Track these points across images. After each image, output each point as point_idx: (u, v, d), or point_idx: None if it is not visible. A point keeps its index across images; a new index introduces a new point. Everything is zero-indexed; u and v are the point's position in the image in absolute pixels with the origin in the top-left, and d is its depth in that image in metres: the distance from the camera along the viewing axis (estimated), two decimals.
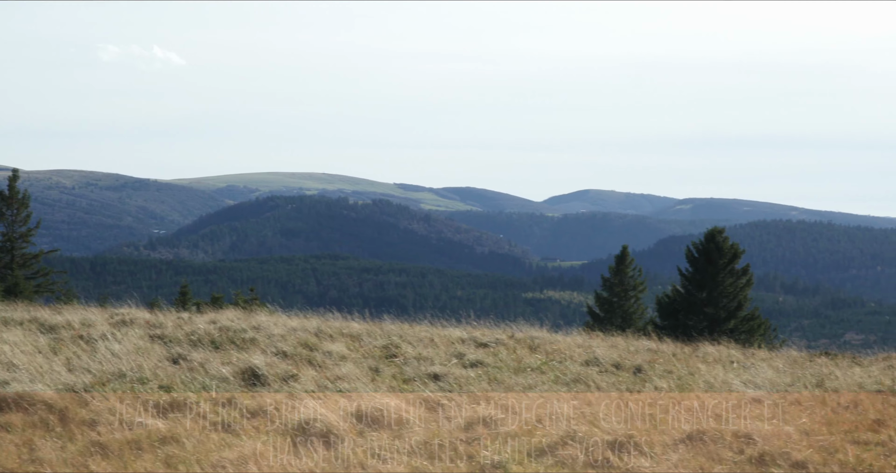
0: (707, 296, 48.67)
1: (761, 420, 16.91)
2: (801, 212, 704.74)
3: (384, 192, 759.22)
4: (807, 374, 23.09)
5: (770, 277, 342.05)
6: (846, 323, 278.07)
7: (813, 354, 29.96)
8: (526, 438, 15.59)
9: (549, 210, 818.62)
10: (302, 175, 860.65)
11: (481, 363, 22.67)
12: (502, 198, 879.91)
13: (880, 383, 21.85)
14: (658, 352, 26.92)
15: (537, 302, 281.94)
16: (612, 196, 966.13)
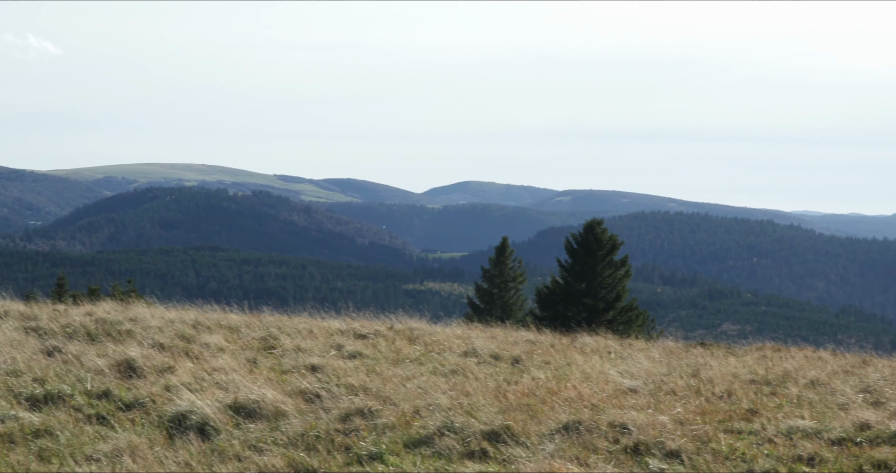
0: (586, 288, 48.99)
1: (637, 410, 17.06)
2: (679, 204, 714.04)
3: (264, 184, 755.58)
4: (682, 364, 23.37)
5: (649, 268, 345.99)
6: (723, 313, 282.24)
7: (689, 344, 30.32)
8: (403, 429, 15.58)
9: (429, 201, 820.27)
10: (181, 166, 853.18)
11: (360, 354, 22.63)
12: (383, 190, 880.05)
13: (754, 373, 22.17)
14: (536, 343, 27.07)
15: (418, 293, 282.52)
16: (493, 187, 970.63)
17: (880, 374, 22.47)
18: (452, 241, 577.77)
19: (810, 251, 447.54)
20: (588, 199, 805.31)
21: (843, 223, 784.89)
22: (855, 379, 21.69)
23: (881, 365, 25.11)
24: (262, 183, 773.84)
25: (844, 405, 18.46)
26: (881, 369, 23.90)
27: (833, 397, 19.32)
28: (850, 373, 23.03)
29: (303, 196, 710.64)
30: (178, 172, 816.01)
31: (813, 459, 14.62)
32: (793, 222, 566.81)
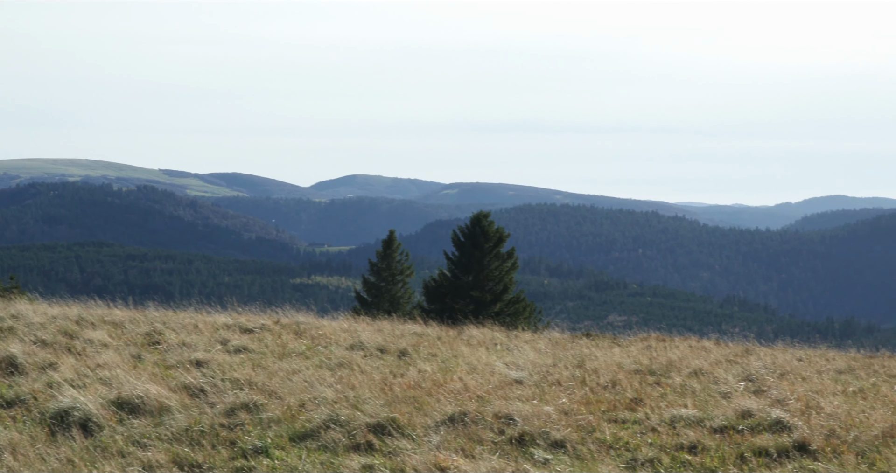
0: (473, 280, 49.14)
1: (522, 400, 17.15)
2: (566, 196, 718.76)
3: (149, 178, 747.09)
4: (568, 355, 23.54)
5: (535, 260, 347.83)
6: (609, 304, 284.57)
7: (575, 336, 30.57)
8: (289, 423, 15.52)
9: (316, 195, 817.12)
10: (64, 161, 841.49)
11: (246, 349, 22.51)
12: (270, 184, 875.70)
13: (638, 363, 22.40)
14: (423, 336, 27.11)
15: (305, 287, 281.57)
16: (380, 181, 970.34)
17: (762, 363, 22.83)
18: (340, 235, 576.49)
19: (695, 242, 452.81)
20: (475, 192, 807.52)
21: (727, 214, 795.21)
22: (737, 368, 22.01)
23: (763, 354, 25.52)
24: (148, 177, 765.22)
25: (727, 393, 18.72)
26: (763, 357, 24.28)
27: (716, 386, 19.58)
28: (733, 362, 23.37)
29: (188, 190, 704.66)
30: (62, 167, 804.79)
31: (695, 447, 14.80)
32: (677, 213, 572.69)
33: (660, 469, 13.89)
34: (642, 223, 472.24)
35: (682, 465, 14.06)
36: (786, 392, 18.61)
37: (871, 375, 22.02)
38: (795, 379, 20.61)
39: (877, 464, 13.98)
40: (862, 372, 22.57)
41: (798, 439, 14.86)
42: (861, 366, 23.62)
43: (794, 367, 22.65)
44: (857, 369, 23.03)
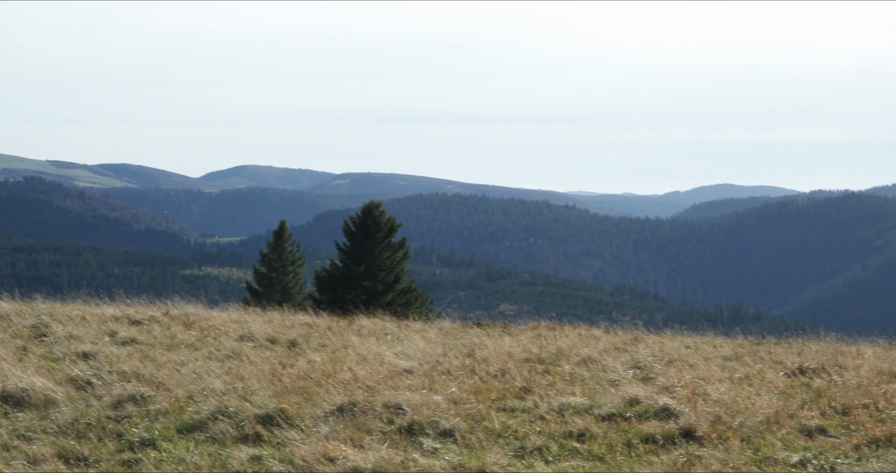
0: (365, 270, 49.11)
1: (412, 390, 17.17)
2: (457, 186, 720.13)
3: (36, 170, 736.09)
4: (458, 345, 23.60)
5: (427, 250, 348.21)
6: (501, 294, 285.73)
7: (466, 325, 30.66)
8: (177, 415, 15.42)
9: (206, 186, 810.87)
10: None
11: (134, 340, 22.31)
12: (159, 175, 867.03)
13: (528, 351, 22.52)
14: (314, 326, 27.06)
15: (196, 278, 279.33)
16: (270, 171, 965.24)
17: (650, 350, 23.06)
18: (231, 226, 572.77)
19: (585, 231, 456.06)
20: (366, 182, 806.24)
21: (617, 203, 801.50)
22: (626, 356, 22.20)
23: (651, 342, 25.77)
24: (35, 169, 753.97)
25: (615, 381, 18.88)
26: (651, 345, 24.53)
27: (604, 374, 19.74)
28: (622, 350, 23.56)
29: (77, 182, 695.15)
30: None
31: (583, 434, 14.92)
32: (568, 202, 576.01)
33: (548, 457, 13.98)
34: (533, 212, 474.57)
35: (570, 453, 14.17)
36: (673, 379, 18.81)
37: (757, 362, 22.30)
38: (683, 367, 20.84)
39: (761, 450, 14.18)
40: (748, 358, 22.85)
41: (684, 425, 15.04)
42: (748, 353, 23.92)
43: (682, 354, 22.88)
44: (743, 356, 23.31)
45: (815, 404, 17.00)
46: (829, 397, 17.51)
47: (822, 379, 19.53)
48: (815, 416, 16.09)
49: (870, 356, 23.56)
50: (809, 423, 15.52)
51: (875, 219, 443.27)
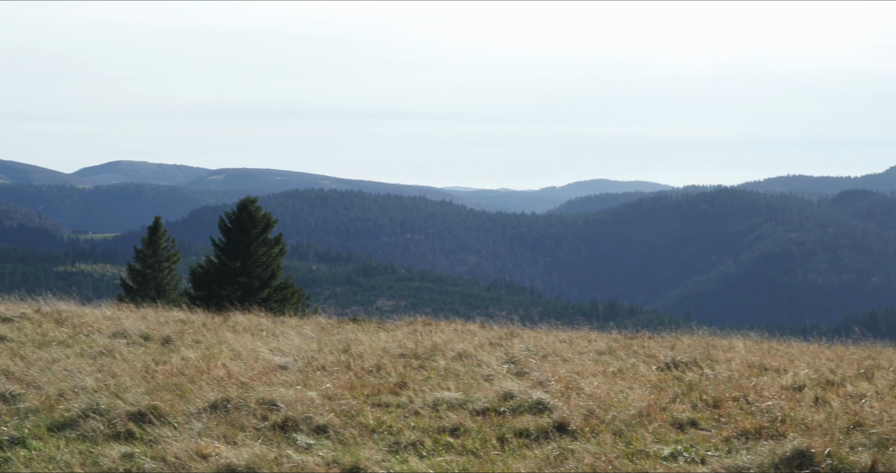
0: (241, 266, 48.84)
1: (286, 386, 17.12)
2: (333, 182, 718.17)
3: None
4: (334, 340, 23.56)
5: (304, 246, 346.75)
6: (378, 289, 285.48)
7: (341, 321, 30.63)
8: (47, 413, 15.23)
9: (80, 182, 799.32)
10: None
11: (4, 338, 22.00)
12: (31, 170, 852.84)
13: (404, 347, 22.53)
14: (188, 323, 26.85)
15: (69, 275, 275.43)
16: (145, 167, 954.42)
17: (525, 345, 23.18)
18: (105, 222, 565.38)
19: (462, 226, 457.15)
20: (242, 178, 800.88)
21: (493, 198, 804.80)
22: (501, 351, 22.31)
23: (527, 337, 25.92)
24: None
25: (490, 376, 18.96)
26: (526, 340, 24.66)
27: (479, 368, 19.82)
28: (497, 345, 23.66)
29: None
30: None
31: (457, 429, 14.97)
32: (445, 198, 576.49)
33: (422, 452, 14.01)
34: (410, 208, 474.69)
35: (444, 447, 14.21)
36: (547, 373, 18.94)
37: (630, 356, 22.52)
38: (557, 361, 21.00)
39: (633, 443, 14.34)
40: (622, 352, 23.07)
41: (558, 419, 15.16)
42: (621, 347, 24.15)
43: (557, 349, 23.05)
44: (617, 350, 23.53)
45: (686, 397, 17.22)
46: (701, 390, 17.75)
47: (693, 373, 19.79)
48: (686, 409, 16.30)
49: (741, 349, 23.93)
50: (681, 416, 15.73)
51: (747, 214, 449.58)
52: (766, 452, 13.52)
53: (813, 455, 13.22)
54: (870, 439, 14.45)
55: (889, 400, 16.84)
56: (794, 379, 18.88)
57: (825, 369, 20.45)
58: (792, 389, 18.06)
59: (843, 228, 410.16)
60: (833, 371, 20.27)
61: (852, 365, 21.21)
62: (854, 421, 15.30)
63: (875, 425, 15.06)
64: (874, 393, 17.67)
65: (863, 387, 18.23)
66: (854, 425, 15.17)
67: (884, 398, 17.10)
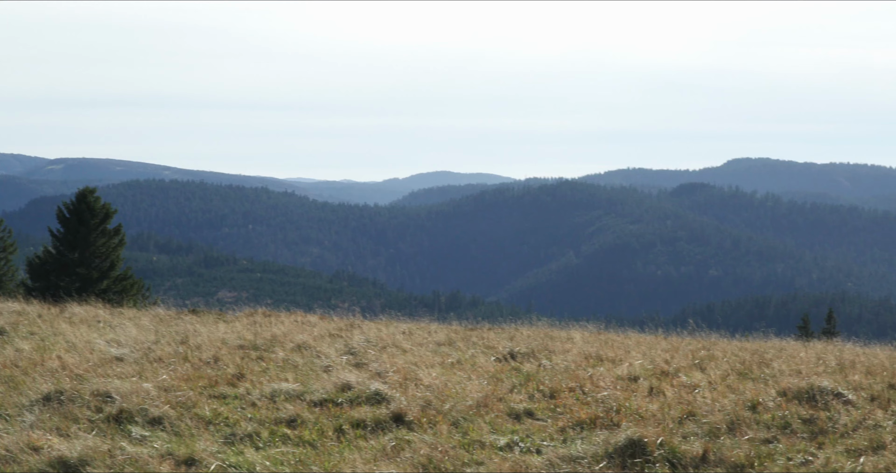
0: (79, 257, 48.07)
1: (122, 378, 16.93)
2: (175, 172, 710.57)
3: None
4: (172, 332, 23.35)
5: (144, 237, 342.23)
6: (219, 280, 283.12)
7: (181, 312, 30.34)
8: None
9: None
10: None
11: None
12: None
13: (243, 338, 22.41)
14: (23, 314, 26.41)
15: None
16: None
17: (365, 336, 23.21)
18: None
19: (304, 217, 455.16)
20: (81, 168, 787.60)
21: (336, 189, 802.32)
22: (341, 342, 22.30)
23: (367, 328, 25.96)
24: None
25: (328, 367, 18.95)
26: (367, 331, 24.69)
27: (318, 360, 19.80)
28: (337, 336, 23.65)
29: None
30: None
31: (295, 420, 14.94)
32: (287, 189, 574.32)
33: (258, 443, 13.95)
34: (252, 199, 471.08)
35: (281, 439, 14.17)
36: (386, 364, 18.98)
37: (469, 347, 22.65)
38: (396, 352, 21.05)
39: (470, 433, 14.43)
40: (461, 343, 23.19)
41: (395, 410, 15.20)
42: (461, 338, 24.27)
43: (397, 340, 23.09)
44: (456, 341, 23.64)
45: (524, 388, 17.39)
46: (538, 381, 17.93)
47: (531, 364, 19.98)
48: (523, 400, 16.46)
49: (578, 340, 24.22)
50: (518, 407, 15.87)
51: (588, 206, 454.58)
52: (601, 441, 13.72)
53: (646, 445, 13.44)
54: (702, 428, 14.74)
55: (721, 390, 17.18)
56: (630, 369, 19.18)
57: (660, 360, 20.80)
58: (627, 379, 18.35)
59: (682, 221, 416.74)
60: (668, 361, 20.61)
61: (687, 356, 21.60)
62: (687, 411, 15.60)
63: (707, 414, 15.36)
64: (707, 383, 18.02)
65: (696, 377, 18.58)
66: (687, 414, 15.46)
67: (716, 388, 17.44)
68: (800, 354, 22.73)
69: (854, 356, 22.57)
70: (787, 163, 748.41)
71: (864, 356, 22.84)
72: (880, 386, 17.97)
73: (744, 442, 14.06)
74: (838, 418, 15.38)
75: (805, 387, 16.88)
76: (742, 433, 14.54)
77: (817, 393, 16.65)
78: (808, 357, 22.09)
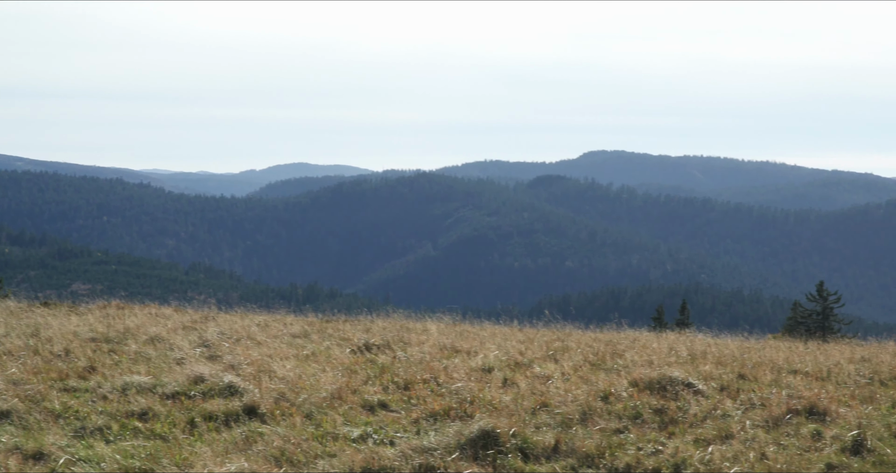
0: None
1: None
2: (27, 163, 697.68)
3: None
4: (22, 325, 22.96)
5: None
6: (73, 273, 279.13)
7: (32, 305, 29.83)
8: None
9: None
10: None
11: None
12: None
13: (95, 331, 22.12)
14: None
15: None
16: None
17: (220, 329, 23.05)
18: None
19: (160, 209, 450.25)
20: None
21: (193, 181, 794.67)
22: (195, 335, 22.12)
23: (222, 320, 25.77)
24: None
25: (182, 359, 18.79)
26: (222, 324, 24.51)
27: (172, 352, 19.63)
28: (191, 329, 23.45)
29: None
30: None
31: (146, 413, 14.79)
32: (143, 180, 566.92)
33: (109, 437, 13.80)
34: (107, 190, 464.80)
35: (132, 432, 14.03)
36: (240, 357, 18.88)
37: (324, 339, 22.61)
38: (251, 345, 20.95)
39: (323, 425, 14.40)
40: (316, 336, 23.14)
41: (248, 402, 15.13)
42: (316, 331, 24.22)
43: (252, 332, 22.98)
44: (312, 333, 23.59)
45: (378, 380, 17.40)
46: (393, 372, 17.96)
47: (386, 355, 20.00)
48: (377, 391, 16.47)
49: (434, 332, 24.29)
50: (372, 399, 15.88)
51: (445, 198, 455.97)
52: (454, 433, 13.77)
53: (498, 435, 13.52)
54: (554, 419, 14.88)
55: (574, 381, 17.36)
56: (485, 361, 19.29)
57: (515, 351, 20.95)
58: (482, 371, 18.45)
59: (539, 213, 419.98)
60: (522, 353, 20.78)
61: (542, 347, 21.79)
62: (540, 402, 15.74)
63: (560, 405, 15.52)
64: (560, 374, 18.20)
65: (550, 369, 18.75)
66: (540, 405, 15.60)
67: (569, 379, 17.62)
68: (652, 345, 23.08)
69: (705, 346, 22.99)
70: (642, 155, 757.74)
71: (715, 346, 23.27)
72: (730, 375, 18.32)
73: (595, 432, 14.23)
74: (688, 408, 15.65)
75: (656, 378, 17.13)
76: (594, 423, 14.71)
77: (668, 384, 16.92)
78: (660, 347, 22.44)
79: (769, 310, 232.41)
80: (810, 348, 25.43)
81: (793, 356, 22.18)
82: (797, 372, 19.49)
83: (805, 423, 14.84)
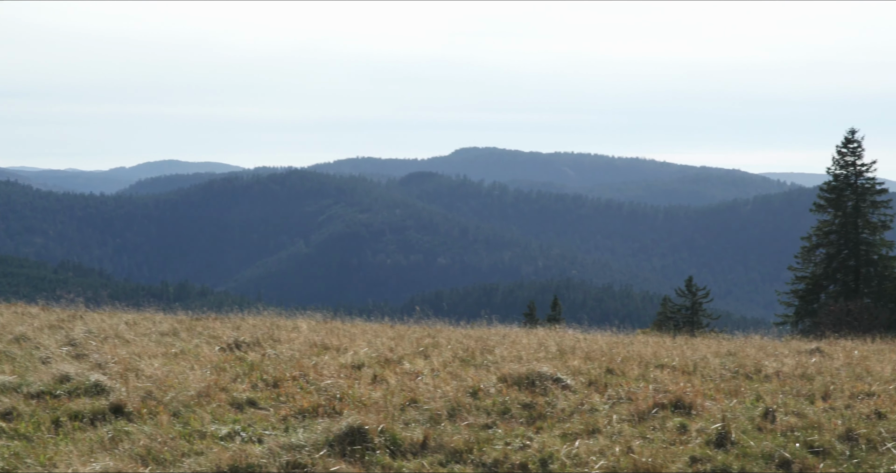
0: None
1: None
2: None
3: None
4: None
5: None
6: None
7: None
8: None
9: None
10: None
11: None
12: None
13: None
14: None
15: None
16: None
17: (87, 327, 22.84)
18: None
19: (28, 207, 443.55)
20: None
21: (61, 178, 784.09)
22: (62, 333, 21.89)
23: (90, 319, 25.53)
24: None
25: (47, 358, 18.58)
26: (89, 323, 24.29)
27: (38, 351, 19.41)
28: (58, 328, 23.21)
29: None
30: None
31: (10, 413, 14.61)
32: (10, 178, 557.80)
33: None
34: None
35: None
36: (107, 355, 18.70)
37: (194, 337, 22.51)
38: (119, 343, 20.77)
39: (191, 424, 14.32)
40: (185, 334, 23.03)
41: (114, 401, 14.99)
42: (185, 329, 24.12)
43: (119, 331, 22.80)
44: (181, 331, 23.47)
45: (247, 377, 17.34)
46: (262, 370, 17.91)
47: (256, 353, 19.95)
48: (246, 389, 16.41)
49: (305, 329, 24.31)
50: (240, 396, 15.82)
51: (318, 195, 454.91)
52: (322, 429, 13.76)
53: (367, 432, 13.54)
54: (423, 415, 14.95)
55: (444, 377, 17.44)
56: (355, 357, 19.33)
57: (385, 348, 21.02)
58: (351, 367, 18.48)
59: (411, 209, 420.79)
60: (393, 349, 20.85)
61: (412, 344, 21.89)
62: (409, 398, 15.80)
63: (429, 401, 15.59)
64: (430, 370, 18.29)
65: (420, 365, 18.84)
66: (409, 401, 15.66)
67: (439, 375, 17.70)
68: (522, 341, 23.30)
69: (575, 341, 23.26)
70: (513, 152, 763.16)
71: (585, 341, 23.55)
72: (598, 370, 18.54)
73: (464, 428, 14.31)
74: (556, 403, 15.81)
75: (525, 373, 17.28)
76: (462, 419, 14.80)
77: (537, 379, 17.08)
78: (530, 343, 22.65)
79: (639, 306, 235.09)
80: (678, 342, 25.84)
81: (660, 350, 22.53)
82: (664, 366, 19.80)
83: (671, 417, 15.07)
